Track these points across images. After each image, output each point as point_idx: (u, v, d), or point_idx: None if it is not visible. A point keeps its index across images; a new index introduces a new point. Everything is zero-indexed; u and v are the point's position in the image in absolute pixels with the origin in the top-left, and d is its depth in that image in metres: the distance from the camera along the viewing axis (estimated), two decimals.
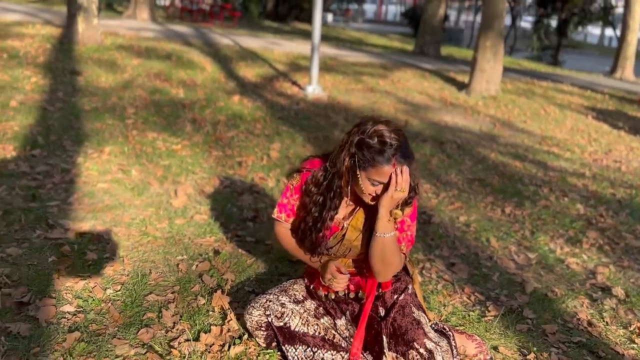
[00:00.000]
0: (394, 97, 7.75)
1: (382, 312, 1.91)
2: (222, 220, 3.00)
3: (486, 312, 2.41)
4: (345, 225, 1.89)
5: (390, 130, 1.73)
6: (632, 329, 2.41)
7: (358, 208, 1.88)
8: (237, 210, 3.17)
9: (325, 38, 15.84)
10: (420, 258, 2.87)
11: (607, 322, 2.45)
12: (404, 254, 1.86)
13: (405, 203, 1.81)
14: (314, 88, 7.23)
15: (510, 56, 22.42)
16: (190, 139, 4.43)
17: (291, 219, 1.95)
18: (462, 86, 9.08)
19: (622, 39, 14.43)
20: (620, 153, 6.19)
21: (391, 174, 1.71)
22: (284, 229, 1.98)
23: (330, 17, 29.66)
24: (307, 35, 15.27)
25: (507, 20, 30.56)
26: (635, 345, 2.29)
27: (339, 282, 1.85)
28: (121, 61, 7.34)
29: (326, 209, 1.84)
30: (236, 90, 6.77)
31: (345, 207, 1.90)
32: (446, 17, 24.45)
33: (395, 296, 1.92)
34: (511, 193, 4.12)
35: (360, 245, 1.87)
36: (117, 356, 1.82)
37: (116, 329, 1.96)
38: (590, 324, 2.42)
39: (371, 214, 1.82)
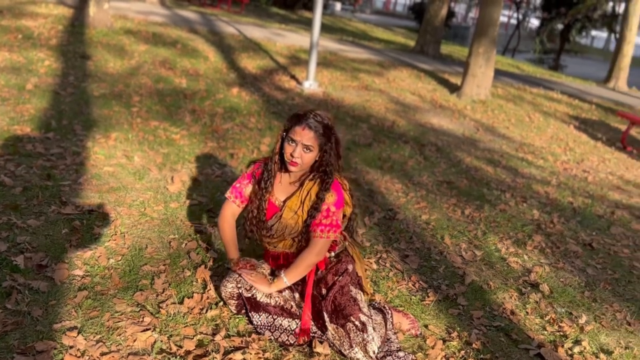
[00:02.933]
0: (387, 96, 8.17)
1: (324, 291, 2.35)
2: (210, 207, 3.45)
3: (426, 297, 2.87)
4: (283, 206, 2.36)
5: (320, 112, 2.30)
6: (547, 319, 2.87)
7: (294, 193, 2.36)
8: (225, 198, 3.61)
9: (329, 29, 16.22)
10: (379, 249, 3.33)
11: (527, 312, 2.91)
12: (328, 239, 2.30)
13: (325, 189, 2.29)
14: (311, 84, 7.64)
15: (512, 58, 22.79)
16: (188, 129, 4.87)
17: (238, 201, 2.44)
18: (454, 88, 9.48)
19: (617, 50, 14.80)
20: (591, 163, 6.62)
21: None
22: (229, 208, 2.47)
23: (338, 5, 29.88)
24: (312, 25, 15.64)
25: (513, 21, 30.82)
26: (545, 332, 2.75)
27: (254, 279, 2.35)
28: (129, 47, 7.75)
29: (264, 180, 2.37)
30: (236, 82, 7.19)
31: (284, 191, 2.38)
32: (453, 14, 24.79)
33: (336, 277, 2.37)
34: (475, 196, 4.57)
35: (294, 225, 2.34)
36: (116, 311, 2.29)
37: (116, 291, 2.43)
38: (512, 312, 2.87)
39: (303, 199, 2.33)
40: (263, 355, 2.18)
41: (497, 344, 2.57)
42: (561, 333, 2.75)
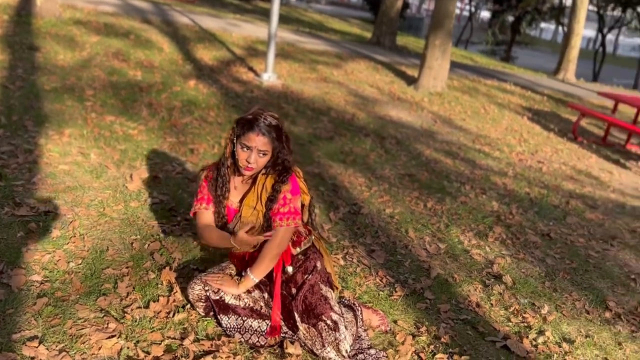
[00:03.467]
0: (346, 88, 8.16)
1: (294, 291, 2.33)
2: (172, 205, 3.36)
3: (394, 292, 2.88)
4: (240, 206, 2.33)
5: (267, 112, 2.24)
6: (511, 310, 2.93)
7: (249, 190, 2.33)
8: (187, 195, 3.53)
9: (285, 20, 16.07)
10: (346, 244, 3.32)
11: (492, 304, 2.96)
12: (289, 227, 2.27)
13: (282, 181, 2.26)
14: (270, 76, 7.55)
15: (465, 49, 23.21)
16: (146, 124, 4.73)
17: (210, 206, 2.37)
18: (411, 80, 9.56)
19: (566, 42, 15.23)
20: (545, 154, 6.80)
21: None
22: (203, 218, 2.37)
23: None
24: (267, 15, 15.47)
25: (465, 12, 31.37)
26: (510, 324, 2.81)
27: (249, 241, 2.22)
28: (79, 37, 7.47)
29: (219, 187, 2.32)
30: (193, 74, 7.03)
31: (238, 192, 2.35)
32: (407, 5, 25.00)
33: (305, 276, 2.35)
34: (436, 189, 4.62)
35: (255, 221, 2.30)
36: (79, 318, 2.20)
37: (78, 296, 2.33)
38: (478, 305, 2.92)
39: (259, 193, 2.30)
40: (234, 358, 2.14)
41: (465, 337, 2.61)
42: (525, 324, 2.81)
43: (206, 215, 2.39)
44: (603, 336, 2.84)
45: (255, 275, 2.30)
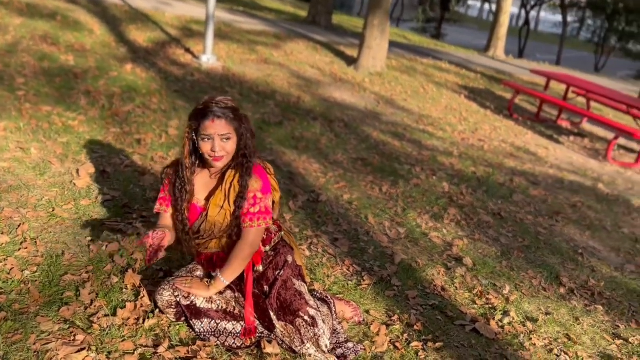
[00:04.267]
0: (287, 70, 8.04)
1: (266, 288, 2.27)
2: (125, 201, 3.20)
3: (362, 281, 2.88)
4: (206, 204, 2.21)
5: (218, 98, 2.13)
6: (475, 292, 3.01)
7: (217, 188, 2.21)
8: (140, 190, 3.38)
9: None
10: (309, 234, 3.28)
11: (456, 287, 3.03)
12: (260, 227, 2.18)
13: (247, 174, 2.15)
14: (209, 58, 7.32)
15: (397, 27, 23.44)
16: (86, 113, 4.47)
17: (170, 209, 2.26)
18: (351, 61, 9.55)
19: (495, 20, 15.69)
20: (485, 132, 7.00)
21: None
22: (161, 220, 2.27)
23: None
24: None
25: None
26: (476, 306, 2.88)
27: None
28: (1, 20, 6.94)
29: (178, 189, 2.20)
30: (128, 57, 6.71)
31: (204, 189, 2.24)
32: None
33: (277, 272, 2.29)
34: (389, 172, 4.66)
35: (222, 220, 2.20)
36: (42, 332, 2.05)
37: (38, 307, 2.18)
38: (443, 289, 2.97)
39: (227, 192, 2.18)
40: None
41: (435, 322, 2.65)
42: (490, 305, 2.89)
43: (164, 217, 2.28)
44: (561, 312, 2.97)
45: (226, 278, 2.22)
